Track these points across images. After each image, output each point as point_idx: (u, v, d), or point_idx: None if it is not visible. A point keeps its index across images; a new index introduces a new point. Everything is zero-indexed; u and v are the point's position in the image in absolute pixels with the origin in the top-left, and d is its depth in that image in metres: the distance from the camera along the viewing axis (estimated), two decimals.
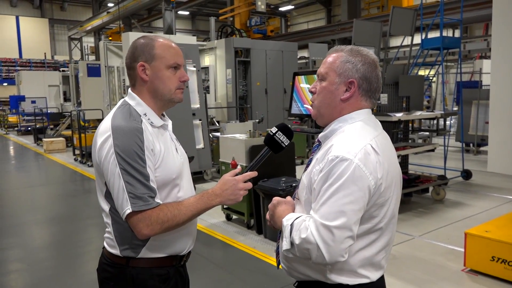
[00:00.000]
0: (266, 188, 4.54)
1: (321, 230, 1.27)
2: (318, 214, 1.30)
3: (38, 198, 7.26)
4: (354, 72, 1.42)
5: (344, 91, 1.43)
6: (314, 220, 1.30)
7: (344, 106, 1.45)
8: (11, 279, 4.07)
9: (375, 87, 1.45)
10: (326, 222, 1.27)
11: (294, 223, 1.35)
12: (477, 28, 21.02)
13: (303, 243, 1.30)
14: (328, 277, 1.42)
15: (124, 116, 1.51)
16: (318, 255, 1.28)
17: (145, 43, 1.57)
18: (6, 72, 27.69)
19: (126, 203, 1.42)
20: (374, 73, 1.43)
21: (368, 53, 1.45)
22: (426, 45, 7.21)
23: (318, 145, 1.54)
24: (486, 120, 9.26)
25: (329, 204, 1.29)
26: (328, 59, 1.47)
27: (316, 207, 1.32)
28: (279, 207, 1.51)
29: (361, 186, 1.30)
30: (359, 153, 1.32)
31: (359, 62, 1.42)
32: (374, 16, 15.62)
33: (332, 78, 1.44)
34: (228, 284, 3.78)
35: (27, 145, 14.49)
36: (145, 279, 1.54)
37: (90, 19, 23.06)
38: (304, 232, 1.30)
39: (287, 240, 1.35)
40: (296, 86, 5.13)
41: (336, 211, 1.28)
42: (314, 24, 26.77)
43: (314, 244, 1.27)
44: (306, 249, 1.30)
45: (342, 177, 1.29)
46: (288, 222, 1.38)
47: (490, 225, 4.03)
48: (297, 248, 1.32)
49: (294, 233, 1.33)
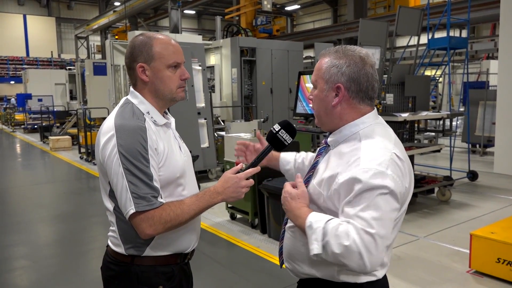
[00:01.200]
0: (271, 188, 4.54)
1: (365, 237, 1.21)
2: (359, 221, 1.23)
3: (43, 196, 7.30)
4: (339, 76, 1.38)
5: (333, 97, 1.41)
6: (354, 226, 1.22)
7: (340, 111, 1.42)
8: (16, 275, 4.09)
9: (366, 86, 1.39)
10: (370, 230, 1.21)
11: (328, 227, 1.26)
12: (484, 28, 20.88)
13: (344, 251, 1.22)
14: (336, 276, 1.41)
15: (127, 115, 1.50)
16: (359, 263, 1.21)
17: (143, 42, 1.54)
18: (13, 70, 27.93)
19: (130, 203, 1.41)
20: (363, 72, 1.38)
21: (354, 52, 1.40)
22: (433, 45, 7.16)
23: (324, 147, 1.51)
24: (493, 121, 9.19)
25: (369, 212, 1.24)
26: (317, 65, 1.45)
27: (352, 213, 1.25)
28: (293, 203, 1.39)
29: (395, 196, 1.28)
30: (389, 164, 1.29)
31: (344, 64, 1.38)
32: (381, 16, 15.55)
33: (321, 86, 1.43)
34: (231, 283, 3.78)
35: (33, 143, 14.58)
36: (149, 277, 1.54)
37: (97, 18, 23.17)
38: (345, 239, 1.21)
39: (319, 244, 1.26)
40: (302, 85, 5.12)
41: (377, 219, 1.23)
42: (320, 23, 26.72)
43: (356, 252, 1.20)
44: (346, 257, 1.22)
45: (379, 189, 1.25)
46: (319, 225, 1.27)
47: (496, 226, 4.00)
48: (331, 254, 1.24)
49: (331, 239, 1.23)
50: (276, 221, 4.63)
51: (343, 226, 1.24)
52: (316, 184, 1.43)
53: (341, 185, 1.31)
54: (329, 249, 1.24)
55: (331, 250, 1.23)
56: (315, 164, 1.51)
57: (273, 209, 4.62)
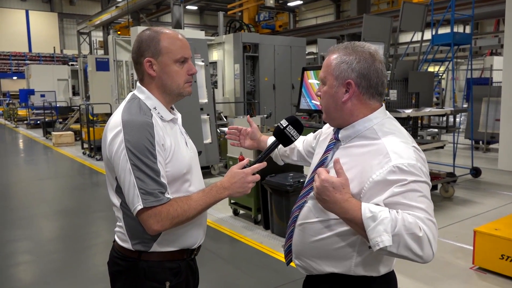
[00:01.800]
0: (274, 184, 4.54)
1: (432, 226, 1.22)
2: (419, 211, 1.23)
3: (46, 191, 7.32)
4: (349, 72, 1.38)
5: (344, 93, 1.40)
6: (419, 217, 1.21)
7: (351, 107, 1.41)
8: (20, 270, 4.11)
9: (376, 82, 1.39)
10: (432, 218, 1.23)
11: (396, 217, 1.20)
12: (488, 24, 20.78)
13: (418, 242, 1.19)
14: (353, 269, 1.42)
15: (134, 110, 1.50)
16: (429, 253, 1.21)
17: (151, 37, 1.53)
18: (16, 66, 27.97)
19: (137, 199, 1.41)
20: (372, 68, 1.38)
21: (363, 48, 1.41)
22: (437, 41, 7.13)
23: (334, 143, 1.50)
24: (496, 118, 9.17)
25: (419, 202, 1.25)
26: (326, 61, 1.45)
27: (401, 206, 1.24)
28: (337, 194, 1.26)
29: (429, 185, 1.32)
30: (415, 156, 1.32)
31: (354, 60, 1.38)
32: (384, 11, 15.49)
33: (330, 82, 1.42)
34: (235, 279, 3.79)
35: (36, 139, 14.61)
36: (156, 273, 1.54)
37: (99, 13, 23.16)
38: (418, 230, 1.19)
39: (389, 235, 1.18)
40: (305, 81, 5.11)
41: (430, 208, 1.26)
42: (322, 19, 26.62)
43: (427, 242, 1.20)
44: (418, 248, 1.19)
45: (418, 179, 1.27)
46: (386, 215, 1.20)
47: (499, 223, 4.00)
48: (402, 245, 1.19)
49: (402, 230, 1.18)
50: (279, 217, 4.63)
51: (409, 217, 1.21)
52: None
53: (375, 183, 1.29)
54: (400, 240, 1.19)
55: (403, 241, 1.19)
56: (324, 160, 1.49)
57: (276, 205, 4.62)
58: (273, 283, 3.62)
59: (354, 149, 1.40)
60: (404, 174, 1.26)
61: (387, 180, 1.27)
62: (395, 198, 1.25)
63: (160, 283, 1.54)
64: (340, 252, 1.42)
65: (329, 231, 1.43)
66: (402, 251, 1.20)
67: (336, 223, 1.41)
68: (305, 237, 1.50)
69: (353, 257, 1.41)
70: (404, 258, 1.24)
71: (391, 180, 1.26)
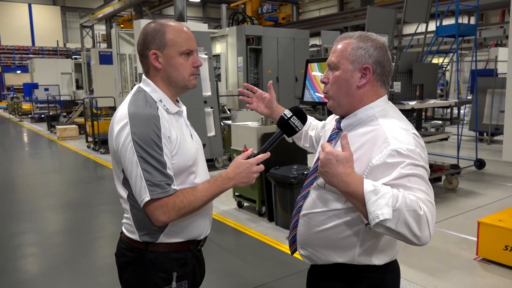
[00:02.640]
0: (278, 176, 4.55)
1: (431, 208, 1.23)
2: (420, 192, 1.24)
3: (52, 184, 7.38)
4: (367, 57, 1.40)
5: (359, 77, 1.41)
6: (420, 198, 1.22)
7: (363, 93, 1.43)
8: (28, 262, 4.16)
9: (388, 70, 1.45)
10: (431, 200, 1.25)
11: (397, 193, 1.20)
12: (493, 15, 20.60)
13: (417, 220, 1.19)
14: (357, 259, 1.44)
15: (140, 103, 1.51)
16: (426, 234, 1.20)
17: (156, 29, 1.54)
18: (20, 59, 28.01)
19: (144, 191, 1.43)
20: (386, 57, 1.42)
21: (377, 37, 1.45)
22: (441, 32, 7.09)
23: (336, 132, 1.51)
24: (501, 109, 9.13)
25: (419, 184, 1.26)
26: (338, 47, 1.45)
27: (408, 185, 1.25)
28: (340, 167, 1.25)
29: (428, 170, 1.33)
30: (414, 142, 1.34)
31: (371, 47, 1.41)
32: (388, 3, 15.37)
33: (345, 66, 1.42)
34: (240, 270, 3.83)
35: (40, 132, 14.67)
36: (164, 263, 1.56)
37: (102, 6, 23.08)
38: (419, 209, 1.19)
39: (390, 209, 1.17)
40: (309, 73, 5.10)
41: (427, 190, 1.27)
42: (326, 11, 26.45)
43: (426, 222, 1.19)
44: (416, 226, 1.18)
45: (416, 163, 1.29)
46: (387, 190, 1.20)
47: (504, 214, 4.00)
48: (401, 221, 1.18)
49: (403, 207, 1.18)
50: (283, 209, 4.65)
51: (411, 195, 1.21)
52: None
53: (377, 167, 1.30)
54: (399, 215, 1.17)
55: (402, 217, 1.18)
56: None
57: (280, 197, 4.64)
58: (277, 274, 3.65)
59: (356, 137, 1.41)
60: (403, 157, 1.28)
61: (386, 163, 1.28)
62: (396, 181, 1.25)
63: (167, 273, 1.56)
64: (344, 242, 1.43)
65: (333, 221, 1.44)
66: (400, 227, 1.18)
67: (340, 213, 1.42)
68: (309, 227, 1.51)
69: (357, 247, 1.42)
70: (400, 238, 1.22)
71: (391, 163, 1.28)
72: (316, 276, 1.60)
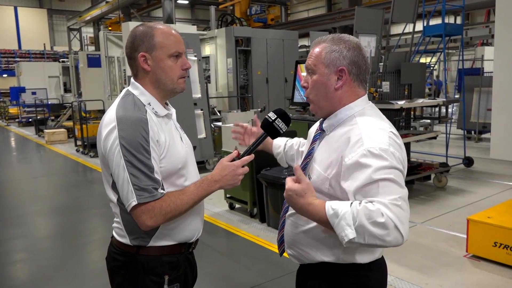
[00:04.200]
0: (269, 177, 4.56)
1: (395, 209, 1.23)
2: (381, 197, 1.25)
3: (41, 189, 7.29)
4: (341, 59, 1.43)
5: (336, 80, 1.45)
6: (381, 203, 1.23)
7: (341, 95, 1.46)
8: (17, 268, 4.11)
9: (364, 69, 1.46)
10: (396, 202, 1.24)
11: (356, 210, 1.24)
12: (479, 14, 20.88)
13: (379, 228, 1.21)
14: (341, 257, 1.45)
15: (129, 106, 1.50)
16: (397, 236, 1.22)
17: (145, 32, 1.54)
18: (6, 63, 27.59)
19: (131, 195, 1.42)
20: (361, 56, 1.45)
21: (349, 38, 1.47)
22: (428, 32, 7.16)
23: (320, 133, 1.54)
24: (488, 107, 9.23)
25: (387, 188, 1.27)
26: (314, 51, 1.48)
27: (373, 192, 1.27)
28: (301, 200, 1.33)
29: (402, 170, 1.33)
30: (389, 141, 1.34)
31: (344, 49, 1.43)
32: (376, 3, 15.49)
33: (321, 70, 1.45)
34: (232, 272, 3.82)
35: (28, 137, 14.51)
36: (155, 267, 1.55)
37: (89, 9, 22.92)
38: (379, 217, 1.21)
39: (352, 228, 1.23)
40: (298, 74, 5.12)
41: (398, 192, 1.27)
42: (314, 12, 26.55)
43: (392, 225, 1.21)
44: (384, 234, 1.21)
45: (387, 165, 1.29)
46: (346, 210, 1.25)
47: (492, 211, 4.05)
48: (367, 235, 1.22)
49: (364, 221, 1.21)
50: (274, 210, 4.66)
51: (371, 205, 1.23)
52: (322, 169, 1.45)
53: (349, 167, 1.33)
54: (363, 231, 1.22)
55: (367, 231, 1.22)
56: (310, 151, 1.53)
57: (272, 198, 4.65)
58: (270, 275, 3.65)
59: (335, 138, 1.44)
60: (374, 157, 1.29)
61: (358, 162, 1.31)
62: (365, 187, 1.28)
63: (159, 276, 1.55)
64: (329, 240, 1.45)
65: None
66: (369, 240, 1.23)
67: None
68: (295, 227, 1.54)
69: (341, 245, 1.42)
70: (376, 247, 1.26)
71: (362, 163, 1.30)
72: (304, 275, 1.62)
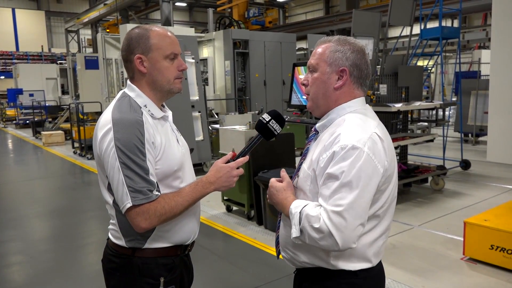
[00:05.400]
0: (266, 180, 4.55)
1: (334, 217, 1.28)
2: (330, 201, 1.30)
3: (38, 191, 7.27)
4: (344, 60, 1.44)
5: (336, 79, 1.46)
6: (324, 209, 1.31)
7: (339, 95, 1.47)
8: (13, 271, 4.09)
9: (365, 73, 1.47)
10: (338, 209, 1.29)
11: (304, 211, 1.35)
12: (476, 18, 20.96)
13: (315, 232, 1.31)
14: (331, 263, 1.44)
15: (125, 108, 1.50)
16: (331, 242, 1.29)
17: (140, 34, 1.54)
18: (3, 65, 27.52)
19: (126, 197, 1.42)
20: (363, 60, 1.46)
21: (355, 41, 1.48)
22: (425, 35, 7.19)
23: (314, 134, 1.55)
24: (485, 110, 9.26)
25: (340, 192, 1.30)
26: (318, 50, 1.49)
27: (326, 194, 1.32)
28: (280, 195, 1.48)
29: (371, 175, 1.32)
30: (368, 141, 1.34)
31: (348, 50, 1.44)
32: (373, 6, 15.54)
33: (323, 68, 1.46)
34: (229, 274, 3.81)
35: (25, 138, 14.47)
36: (151, 269, 1.55)
37: (87, 11, 22.88)
38: (316, 222, 1.31)
39: (297, 227, 1.36)
40: (296, 77, 5.13)
41: (347, 199, 1.29)
42: (312, 15, 26.64)
43: (327, 232, 1.28)
44: (319, 238, 1.31)
45: (354, 165, 1.30)
46: (297, 210, 1.37)
47: (489, 214, 4.06)
48: (307, 236, 1.33)
49: (305, 222, 1.33)
50: (272, 213, 4.65)
51: (316, 209, 1.33)
52: (306, 167, 1.47)
53: (324, 163, 1.37)
54: (305, 232, 1.34)
55: (307, 233, 1.33)
56: (305, 151, 1.55)
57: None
58: (267, 278, 3.64)
59: (325, 137, 1.44)
60: (343, 155, 1.32)
61: (331, 158, 1.35)
62: (323, 186, 1.35)
63: (154, 279, 1.55)
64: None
65: None
66: (310, 241, 1.34)
67: None
68: (287, 229, 1.53)
69: (325, 250, 1.42)
70: (320, 247, 1.34)
71: (333, 161, 1.34)
72: (299, 279, 1.62)
